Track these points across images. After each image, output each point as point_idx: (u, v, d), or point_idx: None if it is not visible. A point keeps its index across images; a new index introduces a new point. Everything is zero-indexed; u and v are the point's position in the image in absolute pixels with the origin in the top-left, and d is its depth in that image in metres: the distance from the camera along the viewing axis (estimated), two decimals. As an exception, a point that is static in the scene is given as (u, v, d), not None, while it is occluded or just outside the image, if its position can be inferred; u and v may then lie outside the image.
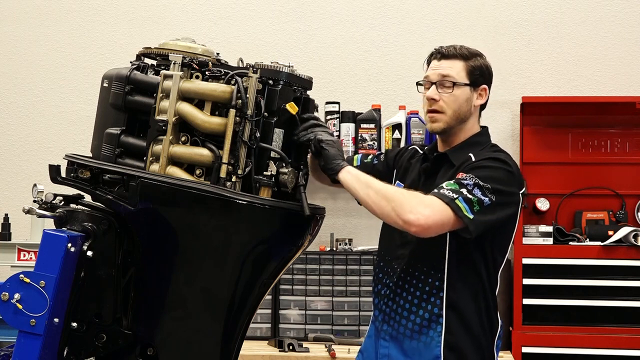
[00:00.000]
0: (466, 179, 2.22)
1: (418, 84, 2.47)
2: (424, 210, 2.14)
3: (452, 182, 2.23)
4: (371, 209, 2.20)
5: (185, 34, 2.39)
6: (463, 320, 2.32)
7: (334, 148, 2.19)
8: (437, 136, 2.49)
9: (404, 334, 2.37)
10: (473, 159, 2.32)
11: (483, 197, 2.20)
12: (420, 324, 2.34)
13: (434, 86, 2.39)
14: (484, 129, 2.48)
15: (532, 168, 4.04)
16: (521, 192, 2.34)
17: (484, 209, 2.20)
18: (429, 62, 2.47)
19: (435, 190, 2.23)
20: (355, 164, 2.65)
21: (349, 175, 2.20)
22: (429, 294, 2.33)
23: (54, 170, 2.16)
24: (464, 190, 2.20)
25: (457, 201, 2.17)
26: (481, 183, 2.21)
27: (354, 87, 4.32)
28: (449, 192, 2.19)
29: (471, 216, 2.18)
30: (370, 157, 2.68)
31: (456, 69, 2.38)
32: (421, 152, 2.54)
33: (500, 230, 2.32)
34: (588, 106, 4.02)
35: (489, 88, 2.46)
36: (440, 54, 2.42)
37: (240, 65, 2.17)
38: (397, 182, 2.53)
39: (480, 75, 2.41)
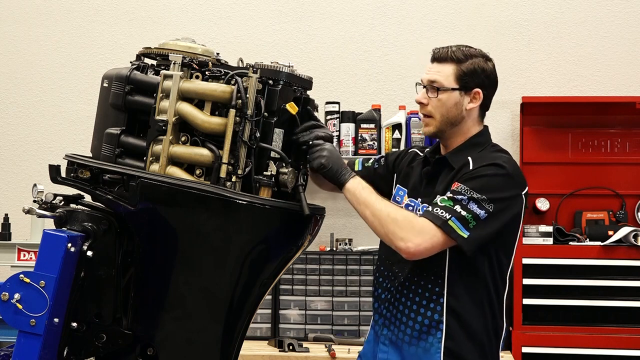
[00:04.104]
0: (461, 192, 2.20)
1: (417, 84, 2.47)
2: (414, 238, 2.17)
3: (446, 197, 2.21)
4: (369, 225, 2.26)
5: (185, 34, 2.39)
6: (465, 326, 2.30)
7: (332, 167, 2.21)
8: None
9: (402, 340, 2.35)
10: (471, 166, 2.29)
11: (479, 211, 2.19)
12: (419, 329, 2.32)
13: (424, 90, 2.38)
14: (484, 128, 2.45)
15: (532, 168, 4.04)
16: (523, 192, 2.31)
17: (481, 223, 2.19)
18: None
19: (430, 209, 2.22)
20: (356, 168, 2.65)
21: (349, 194, 2.26)
22: (429, 299, 2.31)
23: (54, 170, 2.16)
24: (458, 207, 2.18)
25: (449, 222, 2.17)
26: (476, 196, 2.19)
27: (354, 87, 4.32)
28: (442, 213, 2.18)
29: (466, 235, 2.17)
30: (371, 161, 2.67)
31: (444, 74, 2.35)
32: (421, 155, 2.52)
33: (503, 232, 2.30)
34: (588, 106, 4.02)
35: (489, 90, 2.40)
36: (433, 57, 2.40)
37: (240, 65, 2.17)
38: (398, 186, 2.51)
39: (471, 78, 2.35)
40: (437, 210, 2.20)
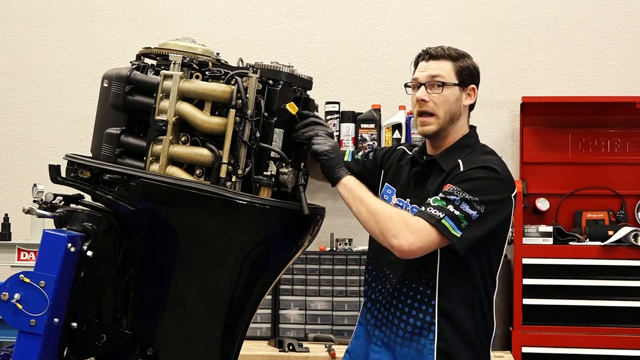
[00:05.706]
0: (453, 193, 2.21)
1: (406, 85, 2.45)
2: (408, 236, 2.16)
3: (438, 197, 2.22)
4: (362, 223, 2.25)
5: (185, 34, 2.39)
6: (457, 327, 2.30)
7: (332, 158, 2.20)
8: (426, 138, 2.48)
9: (395, 341, 2.35)
10: (461, 168, 2.30)
11: (471, 211, 2.19)
12: (411, 331, 2.32)
13: (423, 87, 2.37)
14: (472, 129, 2.45)
15: (532, 168, 4.04)
16: (513, 195, 2.31)
17: (473, 223, 2.19)
18: (416, 64, 2.45)
19: (422, 209, 2.22)
20: (346, 158, 2.64)
21: (344, 189, 2.24)
22: (421, 301, 2.31)
23: (54, 170, 2.16)
24: (451, 207, 2.19)
25: (443, 221, 2.17)
26: (468, 197, 2.20)
27: (354, 87, 4.32)
28: (435, 212, 2.19)
29: (459, 234, 2.18)
30: (360, 154, 2.67)
31: (445, 69, 2.37)
32: (409, 153, 2.52)
33: (494, 233, 2.30)
34: (588, 106, 4.02)
35: (477, 88, 2.44)
36: (428, 55, 2.40)
37: (240, 65, 2.17)
38: (386, 184, 2.50)
39: (468, 75, 2.39)
40: (430, 209, 2.20)
